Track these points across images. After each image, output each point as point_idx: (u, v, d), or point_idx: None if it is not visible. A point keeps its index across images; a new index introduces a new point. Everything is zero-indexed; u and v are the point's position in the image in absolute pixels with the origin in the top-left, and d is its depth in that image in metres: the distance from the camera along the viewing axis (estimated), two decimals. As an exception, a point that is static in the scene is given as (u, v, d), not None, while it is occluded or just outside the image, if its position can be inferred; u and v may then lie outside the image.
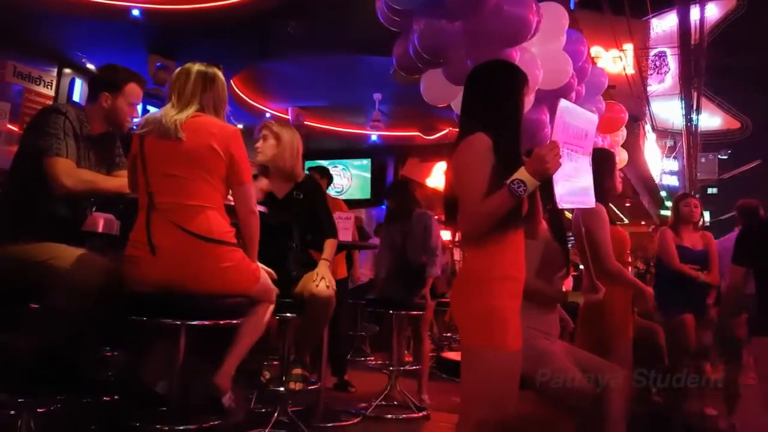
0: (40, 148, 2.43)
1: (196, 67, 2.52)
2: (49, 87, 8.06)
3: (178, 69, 2.53)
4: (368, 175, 12.62)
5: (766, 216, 5.00)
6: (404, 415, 4.14)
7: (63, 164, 2.43)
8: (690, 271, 4.25)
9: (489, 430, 1.90)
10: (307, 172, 3.78)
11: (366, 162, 12.81)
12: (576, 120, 2.26)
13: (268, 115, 10.47)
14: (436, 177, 13.06)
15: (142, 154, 2.38)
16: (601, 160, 2.93)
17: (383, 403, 4.21)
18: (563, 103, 2.19)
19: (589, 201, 2.36)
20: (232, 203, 2.53)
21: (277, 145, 3.39)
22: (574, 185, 2.22)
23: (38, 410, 2.39)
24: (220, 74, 2.55)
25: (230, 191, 2.52)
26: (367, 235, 6.80)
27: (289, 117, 10.19)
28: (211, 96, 2.49)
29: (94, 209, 2.75)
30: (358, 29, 6.37)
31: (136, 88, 2.72)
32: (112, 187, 2.59)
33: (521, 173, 1.86)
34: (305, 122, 10.39)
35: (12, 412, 2.36)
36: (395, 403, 4.30)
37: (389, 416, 4.09)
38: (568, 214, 3.19)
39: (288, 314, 3.13)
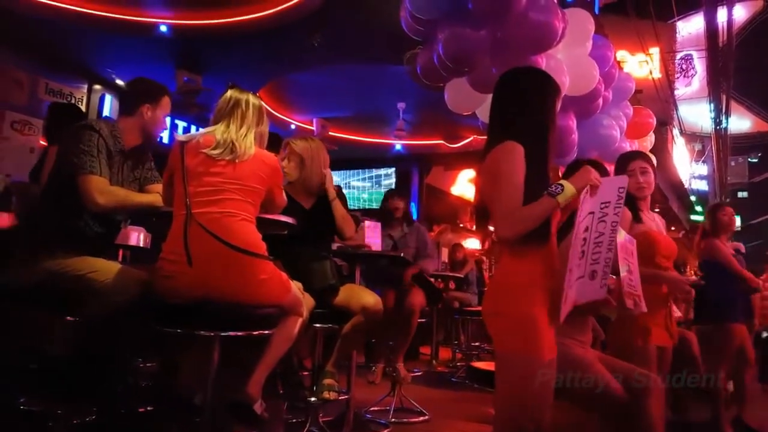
0: (74, 166, 2.48)
1: (252, 99, 2.60)
2: (79, 103, 8.23)
3: (231, 93, 2.59)
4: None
5: None
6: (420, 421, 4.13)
7: (96, 182, 2.47)
8: (751, 276, 4.23)
9: (523, 439, 1.88)
10: None
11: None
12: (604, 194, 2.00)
13: (293, 126, 10.55)
14: (461, 185, 13.03)
15: (182, 166, 2.40)
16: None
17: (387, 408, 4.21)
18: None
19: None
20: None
21: (302, 166, 3.34)
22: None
23: (74, 421, 2.43)
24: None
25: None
26: None
27: (314, 128, 10.26)
28: (260, 131, 2.58)
29: (129, 222, 2.79)
30: (382, 39, 6.41)
31: (169, 101, 2.81)
32: (145, 202, 2.64)
33: (565, 181, 1.87)
34: (330, 133, 10.46)
35: (50, 423, 2.40)
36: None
37: (414, 423, 4.07)
38: None
39: (328, 325, 3.15)
